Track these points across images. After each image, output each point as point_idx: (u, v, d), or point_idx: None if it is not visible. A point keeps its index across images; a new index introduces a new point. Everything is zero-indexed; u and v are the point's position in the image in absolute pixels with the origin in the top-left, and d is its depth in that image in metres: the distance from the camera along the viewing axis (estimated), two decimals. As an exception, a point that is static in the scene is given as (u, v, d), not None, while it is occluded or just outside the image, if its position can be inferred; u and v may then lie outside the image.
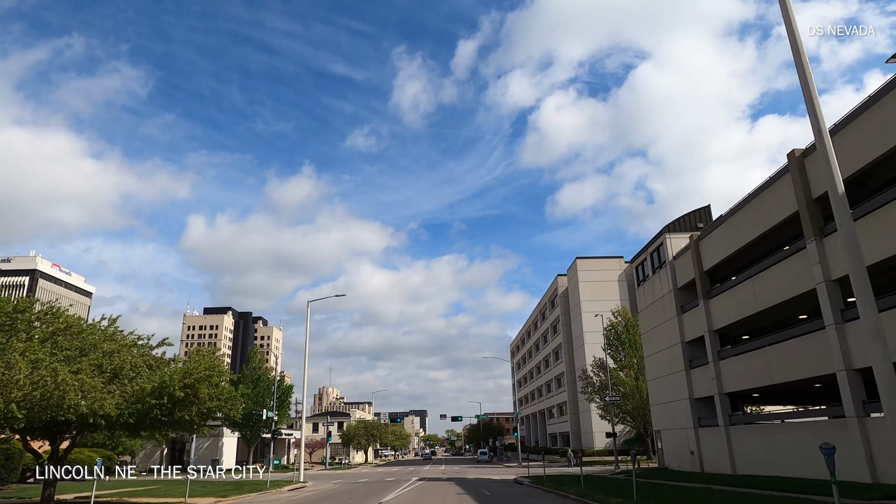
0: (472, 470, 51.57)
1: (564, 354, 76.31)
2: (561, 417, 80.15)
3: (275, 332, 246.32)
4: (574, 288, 73.23)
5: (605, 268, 71.70)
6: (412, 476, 41.52)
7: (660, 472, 32.57)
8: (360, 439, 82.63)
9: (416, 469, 58.06)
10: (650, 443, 56.07)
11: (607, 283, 70.61)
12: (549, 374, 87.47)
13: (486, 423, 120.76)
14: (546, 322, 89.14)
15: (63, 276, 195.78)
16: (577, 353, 71.94)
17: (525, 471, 44.36)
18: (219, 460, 59.76)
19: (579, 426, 71.85)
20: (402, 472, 49.25)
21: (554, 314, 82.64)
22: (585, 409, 67.90)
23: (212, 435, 61.13)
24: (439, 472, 50.25)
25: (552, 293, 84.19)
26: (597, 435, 65.14)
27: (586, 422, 68.08)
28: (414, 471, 53.26)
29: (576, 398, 73.16)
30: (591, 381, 57.23)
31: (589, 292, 70.43)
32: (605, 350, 57.97)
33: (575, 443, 71.55)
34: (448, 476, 41.04)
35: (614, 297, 69.76)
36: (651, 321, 36.62)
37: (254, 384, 57.22)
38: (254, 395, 56.68)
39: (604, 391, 55.96)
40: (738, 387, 26.45)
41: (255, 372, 58.49)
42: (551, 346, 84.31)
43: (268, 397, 57.31)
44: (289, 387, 59.38)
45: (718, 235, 27.91)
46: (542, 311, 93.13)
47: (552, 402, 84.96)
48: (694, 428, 30.45)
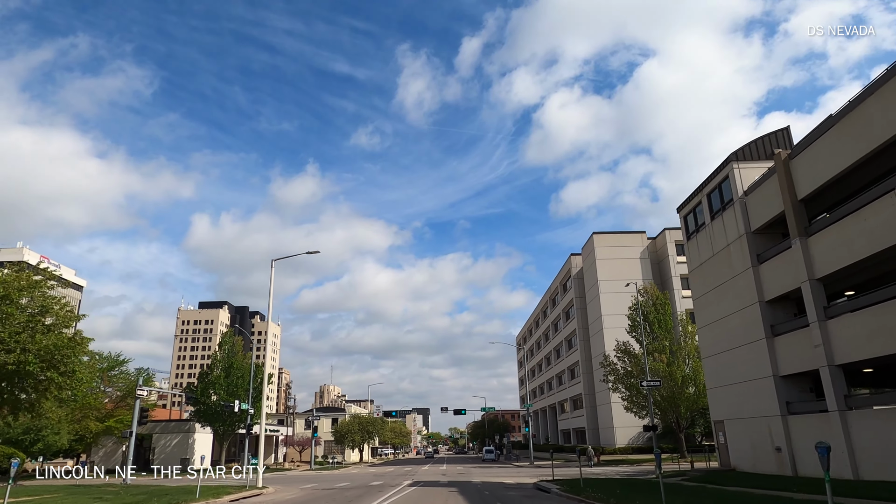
0: (478, 471, 44.11)
1: (579, 342, 68.77)
2: (575, 412, 72.63)
3: (272, 327, 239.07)
4: (590, 267, 65.67)
5: (626, 244, 64.13)
6: (405, 479, 34.11)
7: (729, 475, 25.02)
8: (353, 436, 75.28)
9: (412, 469, 50.67)
10: (683, 439, 48.55)
11: (628, 261, 63.08)
12: (560, 365, 79.94)
13: (492, 419, 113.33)
14: (557, 308, 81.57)
15: (52, 269, 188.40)
16: (595, 339, 64.43)
17: (543, 472, 36.84)
18: (189, 459, 52.49)
19: (597, 421, 64.34)
20: (394, 474, 41.85)
21: (566, 298, 75.09)
22: (604, 401, 60.39)
23: (180, 430, 53.87)
24: (439, 472, 42.86)
25: (564, 275, 76.62)
26: (618, 431, 57.62)
27: (605, 416, 60.57)
28: (410, 472, 45.87)
29: (592, 390, 65.66)
30: (614, 367, 49.72)
31: (608, 271, 62.87)
32: (630, 332, 50.45)
33: (592, 439, 64.04)
34: (449, 479, 33.59)
35: (636, 276, 62.21)
36: (708, 281, 28.98)
37: (226, 372, 49.88)
38: (226, 385, 49.40)
39: (629, 378, 48.50)
40: (863, 354, 18.79)
41: (228, 358, 51.10)
42: (563, 333, 76.77)
43: (243, 388, 50.04)
44: (268, 375, 52.04)
45: (825, 146, 20.13)
46: (553, 297, 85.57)
47: (564, 396, 77.44)
48: (781, 416, 22.88)
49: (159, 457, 52.83)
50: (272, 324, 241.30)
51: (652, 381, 36.53)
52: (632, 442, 57.20)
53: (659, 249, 64.27)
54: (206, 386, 49.19)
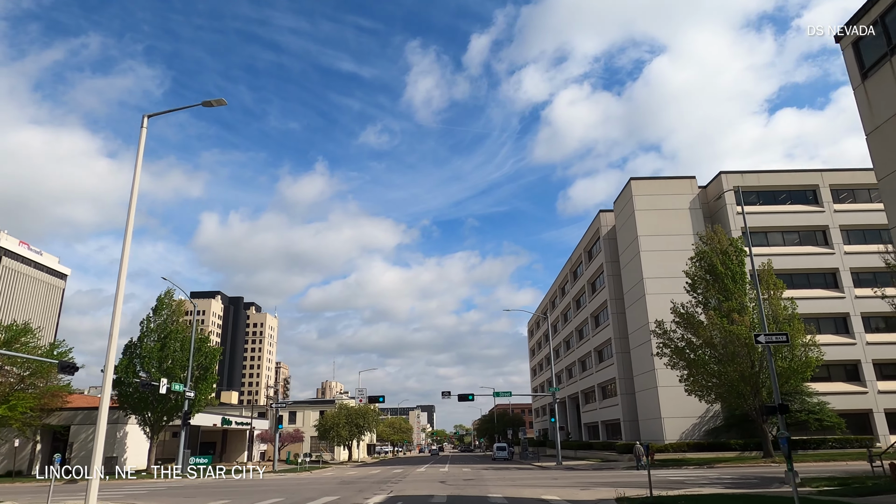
0: (492, 475, 31.90)
1: (610, 316, 56.41)
2: (604, 401, 60.33)
3: (269, 319, 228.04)
4: (627, 222, 53.29)
5: (671, 191, 51.74)
6: (380, 491, 22.00)
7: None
8: (339, 430, 63.29)
9: (403, 472, 38.58)
10: (768, 432, 36.23)
11: (674, 213, 50.73)
12: (584, 347, 67.60)
13: (502, 412, 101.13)
14: (580, 280, 69.20)
15: (33, 256, 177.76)
16: (633, 310, 52.11)
17: (583, 477, 24.68)
18: (117, 458, 40.60)
19: (635, 411, 52.00)
20: (372, 480, 29.74)
21: (593, 266, 62.71)
22: (647, 385, 48.08)
23: (108, 421, 41.61)
24: (437, 478, 30.79)
25: (591, 238, 64.22)
26: (667, 422, 45.29)
27: (648, 404, 48.24)
28: (397, 476, 33.83)
29: (629, 373, 53.33)
30: (669, 337, 37.47)
31: (650, 225, 50.52)
32: (692, 292, 38.15)
33: (630, 433, 51.75)
34: (450, 491, 21.49)
35: (684, 231, 49.93)
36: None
37: (161, 344, 37.87)
38: (159, 360, 37.47)
39: (693, 351, 36.25)
40: None
41: (164, 327, 39.03)
42: (589, 309, 64.41)
43: (182, 366, 38.09)
44: (214, 350, 40.07)
45: None
46: (574, 269, 73.20)
47: (590, 383, 65.13)
48: None
49: (78, 454, 41.06)
50: (269, 316, 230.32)
51: (771, 334, 24.19)
52: (685, 436, 44.88)
53: (712, 199, 51.84)
54: (131, 361, 37.22)
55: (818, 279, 48.38)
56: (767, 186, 50.78)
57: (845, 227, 48.92)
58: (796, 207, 49.74)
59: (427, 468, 44.48)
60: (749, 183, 50.50)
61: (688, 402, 45.10)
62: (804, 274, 48.18)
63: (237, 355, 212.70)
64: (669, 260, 48.91)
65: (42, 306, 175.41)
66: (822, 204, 49.62)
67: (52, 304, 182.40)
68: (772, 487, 19.64)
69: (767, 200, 50.87)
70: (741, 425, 43.55)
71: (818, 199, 50.03)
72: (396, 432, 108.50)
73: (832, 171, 50.98)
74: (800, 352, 34.14)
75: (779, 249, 47.75)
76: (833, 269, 47.91)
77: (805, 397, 41.47)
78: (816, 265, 48.37)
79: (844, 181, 50.52)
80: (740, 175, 50.74)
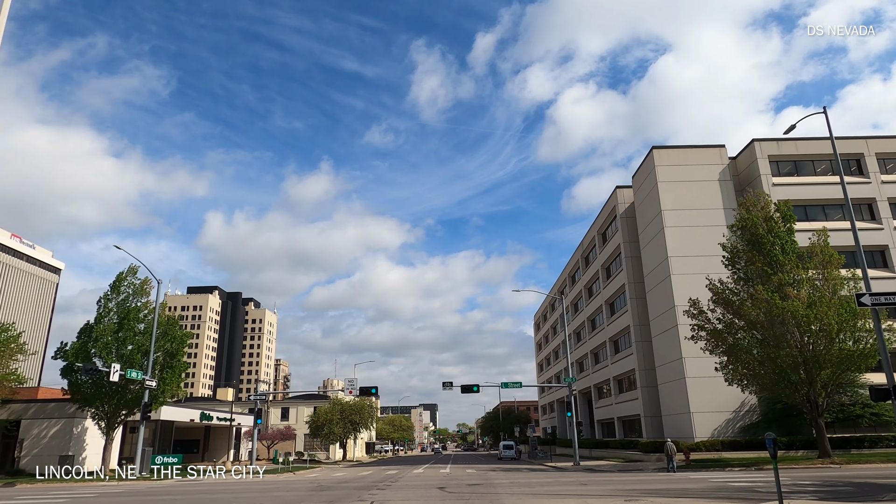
0: (502, 478, 26.84)
1: (629, 301, 51.24)
2: (621, 395, 55.18)
3: (268, 315, 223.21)
4: (649, 196, 48.14)
5: (699, 161, 46.55)
6: (359, 501, 16.96)
7: None
8: (332, 427, 58.30)
9: (396, 474, 33.56)
10: (824, 427, 31.06)
11: (703, 185, 45.56)
12: (598, 338, 62.47)
13: (507, 409, 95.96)
14: (593, 266, 64.05)
15: (25, 249, 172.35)
16: (655, 293, 46.94)
17: (611, 481, 19.56)
18: (72, 457, 35.67)
19: (658, 405, 46.84)
20: (355, 485, 24.71)
21: (609, 248, 57.56)
22: (673, 376, 42.93)
23: (62, 415, 36.92)
24: (435, 481, 25.76)
25: (606, 218, 59.07)
26: (698, 417, 40.12)
27: (675, 397, 43.07)
28: (388, 479, 28.83)
29: (651, 363, 48.19)
30: (707, 318, 32.32)
31: (675, 198, 45.37)
32: (730, 266, 32.98)
33: (652, 430, 46.65)
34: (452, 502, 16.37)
35: (714, 204, 44.86)
36: None
37: (117, 323, 32.82)
38: (116, 345, 32.46)
39: (733, 334, 31.11)
40: None
41: (123, 305, 33.92)
42: (603, 296, 59.27)
43: (142, 353, 33.09)
44: (183, 334, 34.81)
45: None
46: (586, 255, 68.05)
47: (604, 376, 59.99)
48: None
49: (30, 452, 36.13)
50: (268, 312, 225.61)
51: (878, 294, 19.18)
52: (718, 433, 39.71)
53: (744, 171, 46.65)
54: (85, 345, 32.16)
55: (865, 257, 43.02)
56: (806, 155, 45.52)
57: (894, 199, 43.71)
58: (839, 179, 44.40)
59: (426, 469, 39.43)
60: (785, 152, 45.31)
61: (720, 394, 40.02)
62: (850, 252, 42.84)
63: (235, 351, 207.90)
64: (697, 237, 43.82)
65: (34, 301, 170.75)
66: (867, 174, 44.37)
67: (45, 299, 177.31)
68: (885, 499, 14.53)
69: (806, 171, 45.65)
70: (781, 420, 38.43)
71: (863, 170, 44.77)
72: (396, 430, 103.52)
73: (879, 138, 45.75)
74: (865, 335, 28.93)
75: (820, 225, 42.50)
76: (882, 246, 42.71)
77: (857, 389, 36.33)
78: (862, 242, 42.99)
79: (892, 149, 45.26)
80: (776, 143, 45.51)
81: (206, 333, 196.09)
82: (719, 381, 39.86)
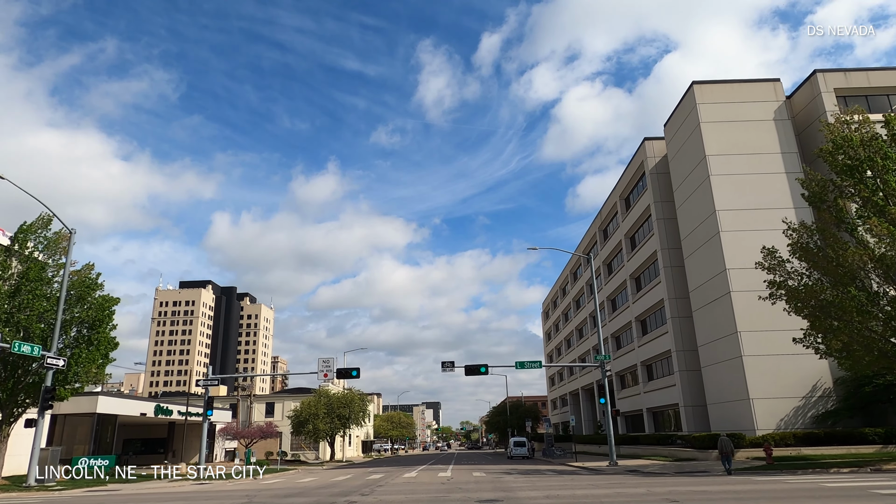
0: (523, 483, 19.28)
1: (663, 269, 43.41)
2: (650, 382, 47.34)
3: (264, 311, 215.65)
4: (688, 143, 40.28)
5: (749, 97, 38.65)
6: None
7: None
8: (316, 422, 50.60)
9: (379, 480, 25.84)
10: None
11: (754, 126, 37.70)
12: (620, 319, 54.65)
13: (515, 403, 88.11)
14: (613, 238, 56.21)
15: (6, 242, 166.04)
16: (696, 258, 39.08)
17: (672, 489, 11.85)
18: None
19: (702, 393, 38.98)
20: (302, 501, 16.86)
21: (634, 214, 49.65)
22: (724, 355, 34.98)
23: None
24: (430, 491, 18.08)
25: (631, 179, 51.14)
26: (759, 405, 32.23)
27: (727, 381, 35.14)
28: (358, 489, 21.13)
29: (691, 343, 40.36)
30: (786, 270, 24.45)
31: (721, 141, 37.53)
32: (812, 203, 25.09)
33: (694, 422, 38.86)
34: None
35: (770, 148, 37.11)
36: None
37: (12, 292, 25.01)
38: (10, 311, 24.70)
39: (823, 289, 23.27)
40: None
41: (24, 270, 26.08)
42: (627, 270, 51.38)
43: (46, 323, 25.30)
44: (106, 300, 27.05)
45: None
46: (604, 227, 60.21)
47: (630, 362, 52.17)
48: None
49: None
50: (264, 307, 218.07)
51: None
52: (786, 425, 31.84)
53: (802, 111, 38.67)
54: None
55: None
56: (880, 88, 37.60)
57: None
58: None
59: (420, 472, 31.65)
60: (855, 84, 37.39)
61: (785, 376, 32.23)
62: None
63: (230, 347, 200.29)
64: (751, 186, 36.01)
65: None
66: (956, 110, 36.36)
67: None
68: None
69: (881, 108, 37.71)
70: (867, 407, 30.69)
71: (950, 105, 36.82)
72: (395, 427, 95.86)
73: (968, 66, 37.74)
74: None
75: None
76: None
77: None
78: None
79: (985, 80, 37.29)
80: (843, 74, 37.58)
81: (200, 329, 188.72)
82: (784, 361, 32.14)
